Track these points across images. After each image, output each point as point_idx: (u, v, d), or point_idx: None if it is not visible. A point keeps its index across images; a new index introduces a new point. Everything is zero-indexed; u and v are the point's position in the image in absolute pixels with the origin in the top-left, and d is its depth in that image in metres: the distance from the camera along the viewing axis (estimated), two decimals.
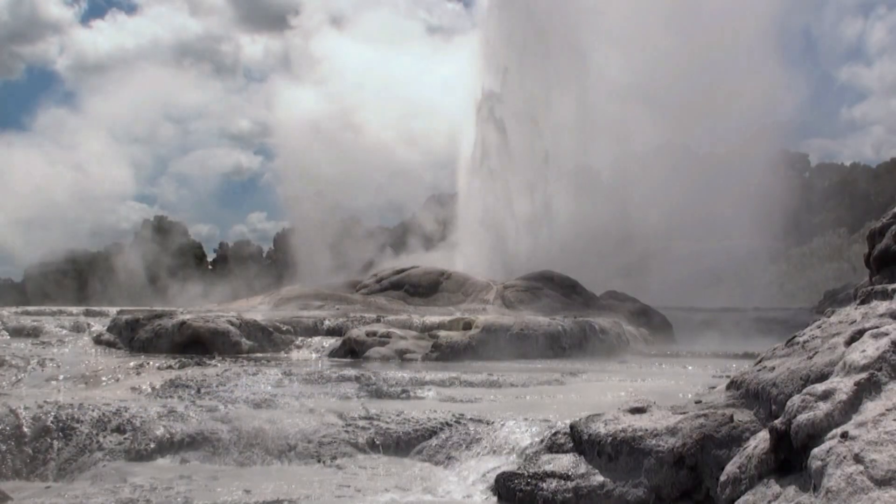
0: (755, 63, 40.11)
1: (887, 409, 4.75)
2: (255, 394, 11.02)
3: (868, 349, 5.29)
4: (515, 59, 34.28)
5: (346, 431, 9.27)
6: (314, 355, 17.82)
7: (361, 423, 9.45)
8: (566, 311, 22.79)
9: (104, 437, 9.19)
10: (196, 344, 17.21)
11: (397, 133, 42.85)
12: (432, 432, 9.13)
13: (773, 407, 6.16)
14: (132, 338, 17.85)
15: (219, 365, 13.98)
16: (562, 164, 34.56)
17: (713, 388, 8.20)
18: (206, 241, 58.31)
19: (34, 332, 19.11)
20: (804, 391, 5.27)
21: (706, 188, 36.24)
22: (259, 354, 17.31)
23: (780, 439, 5.21)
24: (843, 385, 5.06)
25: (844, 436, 4.66)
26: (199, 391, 11.31)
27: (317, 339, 18.88)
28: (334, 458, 8.86)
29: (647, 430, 6.91)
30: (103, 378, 12.78)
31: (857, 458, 4.48)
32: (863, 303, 7.04)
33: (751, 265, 37.47)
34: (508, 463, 8.10)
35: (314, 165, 40.46)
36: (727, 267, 36.79)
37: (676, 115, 37.45)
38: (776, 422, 5.34)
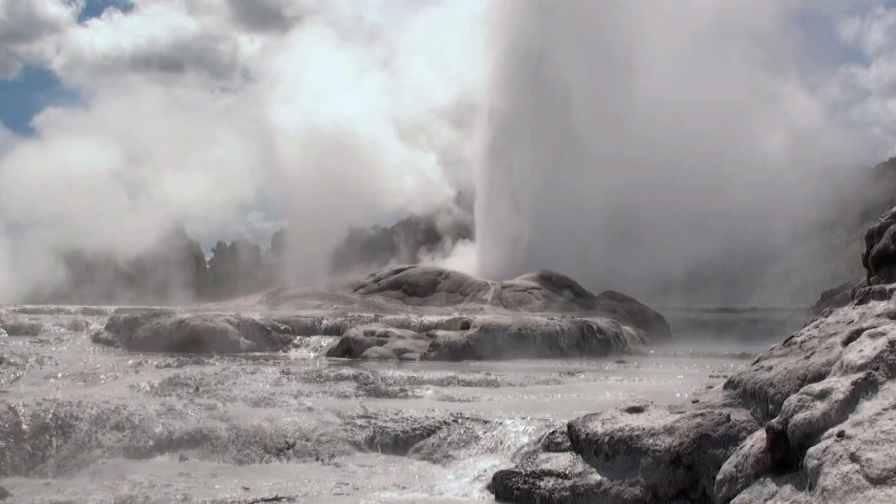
0: (757, 64, 40.21)
1: (884, 409, 4.77)
2: (254, 392, 11.05)
3: (865, 349, 5.31)
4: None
5: (345, 430, 9.30)
6: (312, 354, 17.85)
7: (360, 421, 9.48)
8: (564, 311, 22.83)
9: (103, 434, 9.19)
10: (194, 343, 17.24)
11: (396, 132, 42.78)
12: (430, 431, 9.16)
13: (770, 406, 6.19)
14: (130, 336, 17.87)
15: (217, 363, 13.99)
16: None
17: (710, 387, 8.22)
18: (203, 241, 58.15)
19: (32, 331, 19.11)
20: (801, 391, 5.29)
21: (705, 189, 36.28)
22: (257, 353, 17.33)
23: (777, 438, 5.23)
24: (840, 385, 5.08)
25: (841, 435, 4.68)
26: (197, 389, 11.33)
27: (315, 338, 18.90)
28: (332, 456, 8.88)
29: (644, 429, 6.93)
30: (102, 376, 12.79)
31: (854, 457, 4.49)
32: (860, 303, 7.06)
33: (748, 265, 37.53)
34: (506, 461, 8.13)
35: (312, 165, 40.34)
36: (725, 267, 36.84)
37: (676, 113, 37.46)
38: (773, 421, 5.36)
